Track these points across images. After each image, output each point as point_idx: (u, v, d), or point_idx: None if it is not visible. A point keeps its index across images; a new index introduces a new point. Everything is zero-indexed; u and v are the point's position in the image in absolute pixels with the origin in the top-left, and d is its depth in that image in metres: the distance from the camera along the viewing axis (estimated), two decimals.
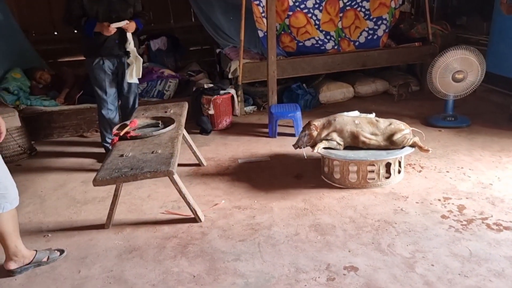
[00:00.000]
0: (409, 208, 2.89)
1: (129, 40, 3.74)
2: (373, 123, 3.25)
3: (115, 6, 3.66)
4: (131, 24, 3.69)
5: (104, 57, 3.77)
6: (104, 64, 3.79)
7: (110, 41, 3.70)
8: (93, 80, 3.88)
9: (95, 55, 3.77)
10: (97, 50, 3.74)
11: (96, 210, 3.14)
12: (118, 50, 3.77)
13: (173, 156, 2.68)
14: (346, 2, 5.11)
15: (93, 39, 3.68)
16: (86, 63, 3.85)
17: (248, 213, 2.96)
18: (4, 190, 2.29)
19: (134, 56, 3.79)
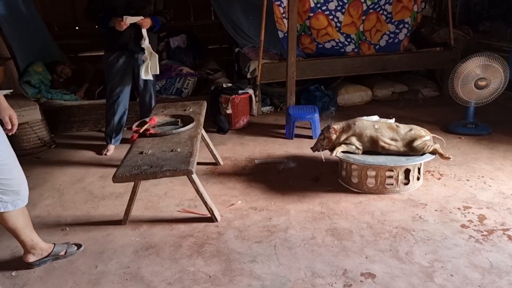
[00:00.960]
0: (427, 216, 2.86)
1: (144, 37, 3.76)
2: (393, 128, 3.22)
3: (134, 2, 3.70)
4: (146, 20, 3.71)
5: (120, 53, 3.81)
6: (119, 61, 3.83)
7: (125, 36, 3.74)
8: (106, 74, 3.96)
9: (112, 50, 3.82)
10: (114, 45, 3.80)
11: (113, 206, 3.16)
12: (133, 46, 3.80)
13: (193, 155, 2.69)
14: (369, 5, 5.05)
15: (109, 34, 3.72)
16: (103, 57, 3.92)
17: (265, 214, 2.95)
18: (17, 187, 2.30)
19: (149, 52, 3.81)
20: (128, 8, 3.67)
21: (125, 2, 3.67)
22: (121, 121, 4.06)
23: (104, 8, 3.67)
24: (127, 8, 3.67)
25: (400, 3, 5.10)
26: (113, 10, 3.66)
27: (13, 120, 2.26)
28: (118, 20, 3.60)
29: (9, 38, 4.78)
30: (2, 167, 2.19)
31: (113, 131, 4.07)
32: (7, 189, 2.24)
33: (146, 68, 3.83)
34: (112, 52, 3.83)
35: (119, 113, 4.02)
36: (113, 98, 3.95)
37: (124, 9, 3.66)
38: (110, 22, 3.64)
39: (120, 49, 3.81)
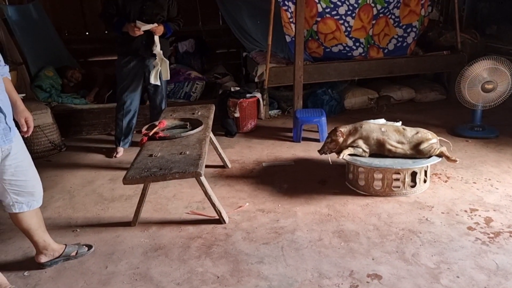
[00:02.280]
0: (434, 218, 2.87)
1: (155, 43, 3.81)
2: (400, 131, 3.24)
3: (147, 8, 3.76)
4: (158, 27, 3.77)
5: (132, 57, 3.87)
6: (131, 65, 3.90)
7: (137, 41, 3.80)
8: (117, 77, 4.03)
9: (124, 54, 3.89)
10: (125, 49, 3.87)
11: (122, 208, 3.21)
12: (144, 51, 3.86)
13: (201, 157, 2.73)
14: (379, 9, 5.06)
15: (122, 38, 3.79)
16: (116, 61, 3.98)
17: (272, 216, 2.99)
18: (32, 189, 2.36)
19: (160, 58, 3.87)
20: (142, 14, 3.74)
21: (139, 9, 3.74)
22: (130, 124, 4.12)
23: (118, 13, 3.74)
24: (141, 14, 3.73)
25: (408, 7, 5.12)
26: (127, 16, 3.73)
27: (29, 122, 2.32)
28: (132, 26, 3.66)
29: (21, 44, 4.87)
30: (17, 168, 2.25)
31: (122, 134, 4.13)
32: (22, 190, 2.30)
33: (156, 73, 3.89)
34: (124, 56, 3.91)
35: (128, 116, 4.08)
36: (123, 101, 4.01)
37: (138, 15, 3.73)
38: (124, 28, 3.71)
39: (132, 54, 3.88)
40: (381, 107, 5.14)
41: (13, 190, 2.28)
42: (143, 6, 3.75)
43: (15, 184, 2.27)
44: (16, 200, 2.30)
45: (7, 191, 2.27)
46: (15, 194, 2.29)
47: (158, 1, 3.82)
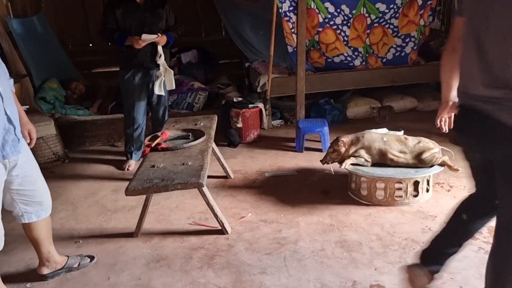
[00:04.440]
0: (437, 227, 2.84)
1: (159, 53, 3.85)
2: (402, 140, 3.24)
3: (147, 20, 3.79)
4: (162, 37, 3.79)
5: (136, 71, 3.90)
6: (135, 79, 3.91)
7: (142, 54, 3.82)
8: (123, 92, 4.04)
9: (128, 68, 3.90)
10: (130, 62, 3.87)
11: (125, 219, 3.22)
12: (149, 62, 3.89)
13: (203, 168, 2.74)
14: (374, 19, 5.14)
15: (126, 52, 3.81)
16: (119, 75, 3.99)
17: (275, 227, 2.98)
18: (40, 198, 2.38)
19: (164, 68, 3.90)
20: (142, 26, 3.77)
21: (139, 21, 3.77)
22: (140, 136, 4.12)
23: (119, 27, 3.78)
24: (141, 26, 3.76)
25: (407, 18, 5.17)
26: (127, 29, 3.76)
27: (32, 134, 2.36)
28: (136, 39, 3.69)
29: (25, 56, 4.93)
30: (25, 178, 2.27)
31: (133, 147, 4.15)
32: (30, 200, 2.33)
33: (160, 83, 3.92)
34: (129, 70, 3.91)
35: (138, 129, 4.10)
36: (132, 115, 4.02)
37: (138, 27, 3.75)
38: (127, 41, 3.74)
39: (137, 67, 3.89)
40: (383, 117, 5.14)
41: (21, 200, 2.30)
42: (142, 18, 3.77)
43: (23, 194, 2.29)
44: (25, 210, 2.33)
45: (15, 201, 2.29)
46: (24, 204, 2.31)
47: (156, 12, 3.85)
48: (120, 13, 3.74)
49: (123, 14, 3.75)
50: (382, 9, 5.10)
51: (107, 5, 3.81)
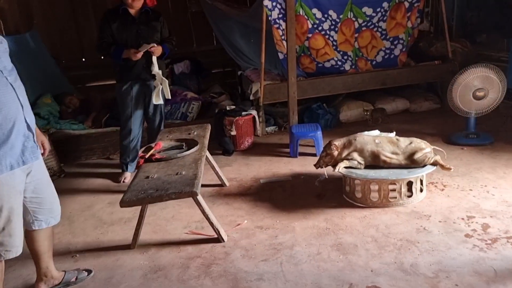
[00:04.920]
0: (432, 227, 2.88)
1: (154, 63, 3.88)
2: (394, 142, 3.27)
3: (142, 32, 3.84)
4: (157, 48, 3.83)
5: (133, 82, 3.94)
6: (132, 90, 3.95)
7: (138, 66, 3.87)
8: (119, 104, 4.06)
9: (125, 80, 3.94)
10: (127, 75, 3.92)
11: (122, 231, 3.23)
12: (145, 74, 3.93)
13: (197, 177, 2.76)
14: (361, 23, 5.20)
15: (123, 65, 3.86)
16: (116, 88, 4.02)
17: (271, 232, 3.00)
18: (50, 205, 2.44)
19: (159, 78, 3.93)
20: (138, 39, 3.81)
21: (134, 34, 3.82)
22: (136, 147, 4.14)
23: (115, 41, 3.82)
24: (137, 39, 3.81)
25: (394, 20, 5.24)
26: (123, 42, 3.80)
27: (45, 145, 2.45)
28: (132, 52, 3.73)
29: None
30: (37, 186, 2.33)
31: (129, 158, 4.16)
32: (41, 208, 2.37)
33: (157, 93, 3.96)
34: (125, 82, 3.95)
35: (134, 140, 4.12)
36: (129, 127, 4.04)
37: (134, 40, 3.80)
38: (124, 54, 3.77)
39: (134, 79, 3.93)
40: (376, 119, 5.18)
41: (33, 208, 2.34)
42: (137, 31, 3.83)
43: (35, 201, 2.35)
44: (35, 218, 2.36)
45: (27, 209, 2.33)
46: (35, 212, 2.35)
47: (151, 24, 3.91)
48: (116, 27, 3.79)
49: (119, 28, 3.80)
50: (368, 13, 5.16)
51: (103, 20, 3.86)
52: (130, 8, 3.82)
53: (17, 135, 2.18)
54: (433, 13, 6.29)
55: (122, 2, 3.81)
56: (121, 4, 3.83)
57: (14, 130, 2.16)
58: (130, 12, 3.83)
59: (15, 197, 2.21)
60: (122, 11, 3.82)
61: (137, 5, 3.81)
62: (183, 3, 6.74)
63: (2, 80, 2.14)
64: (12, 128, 2.15)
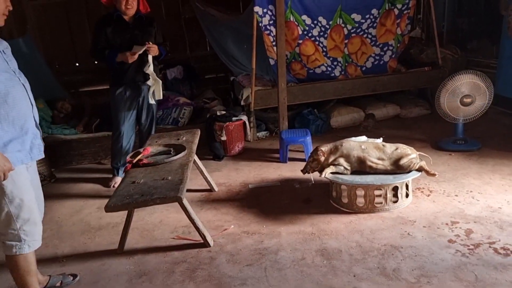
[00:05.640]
0: (416, 232, 2.90)
1: (149, 63, 3.92)
2: (380, 148, 3.30)
3: (137, 37, 3.88)
4: (154, 46, 3.86)
5: (126, 86, 3.97)
6: (126, 94, 3.99)
7: (132, 70, 3.91)
8: (112, 108, 4.08)
9: (119, 84, 3.97)
10: (121, 79, 3.95)
11: (109, 236, 3.24)
12: (139, 77, 3.98)
13: (183, 182, 2.77)
14: (350, 29, 5.25)
15: (117, 69, 3.89)
16: (110, 92, 4.05)
17: (256, 238, 3.01)
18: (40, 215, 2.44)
19: (153, 78, 3.97)
20: (132, 43, 3.85)
21: (128, 38, 3.86)
22: (128, 151, 4.16)
23: (109, 46, 3.85)
24: (131, 43, 3.84)
25: (384, 27, 5.29)
26: (118, 47, 3.84)
27: None
28: (127, 54, 3.76)
29: None
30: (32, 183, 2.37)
31: (120, 162, 4.18)
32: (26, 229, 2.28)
33: (151, 93, 4.01)
34: (119, 87, 3.98)
35: (126, 145, 4.14)
36: (121, 131, 4.07)
37: (128, 45, 3.83)
38: (117, 58, 3.81)
39: (128, 83, 3.97)
40: (365, 126, 5.21)
41: None
42: (132, 36, 3.87)
43: None
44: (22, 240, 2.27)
45: None
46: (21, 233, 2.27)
47: (145, 30, 3.95)
48: (110, 32, 3.84)
49: (113, 33, 3.84)
50: (357, 19, 5.22)
51: (97, 25, 3.91)
52: (124, 15, 3.86)
53: (27, 131, 2.28)
54: (424, 20, 6.35)
55: (116, 9, 3.85)
56: (115, 10, 3.87)
57: (25, 127, 2.27)
58: (124, 18, 3.87)
59: (31, 188, 2.31)
60: (116, 17, 3.86)
61: (130, 12, 3.85)
62: (176, 9, 6.79)
63: (15, 79, 2.24)
64: (23, 125, 2.26)
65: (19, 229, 2.26)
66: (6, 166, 2.10)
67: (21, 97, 2.26)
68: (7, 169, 2.10)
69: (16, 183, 2.21)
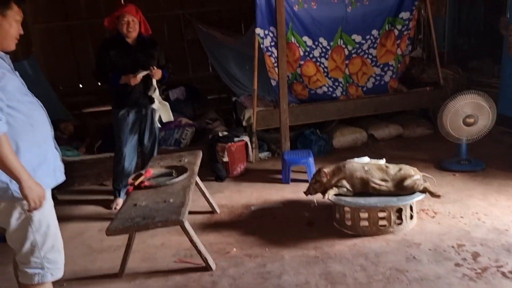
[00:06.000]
0: (421, 255, 2.85)
1: (154, 87, 3.96)
2: (383, 169, 3.28)
3: (140, 59, 3.91)
4: (157, 70, 3.91)
5: (130, 108, 3.99)
6: (129, 116, 4.00)
7: (135, 91, 3.93)
8: (115, 130, 4.09)
9: (122, 106, 3.99)
10: (124, 101, 3.97)
11: (110, 259, 3.20)
12: (143, 99, 4.00)
13: (184, 205, 2.75)
14: (351, 50, 5.30)
15: (120, 91, 3.91)
16: (112, 114, 4.06)
17: (259, 261, 2.97)
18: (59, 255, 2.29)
19: (159, 101, 4.00)
20: (136, 66, 3.88)
21: (132, 61, 3.89)
22: (130, 173, 4.15)
23: (113, 68, 3.88)
24: (134, 66, 3.87)
25: (384, 47, 5.34)
26: (121, 69, 3.87)
27: None
28: (130, 76, 3.79)
29: None
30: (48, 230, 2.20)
31: (121, 184, 4.16)
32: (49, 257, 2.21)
33: (158, 117, 4.06)
34: (123, 108, 3.99)
35: (128, 166, 4.13)
36: (123, 153, 4.06)
37: (132, 67, 3.86)
38: (121, 80, 3.83)
39: (131, 105, 3.98)
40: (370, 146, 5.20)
41: None
42: (135, 58, 3.90)
43: None
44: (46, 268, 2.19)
45: None
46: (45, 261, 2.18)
47: (148, 52, 3.98)
48: (114, 55, 3.87)
49: (117, 55, 3.87)
50: (358, 40, 5.27)
51: (101, 47, 3.95)
52: (127, 38, 3.90)
53: (51, 154, 2.22)
54: (425, 40, 6.40)
55: (119, 32, 3.90)
56: (118, 34, 3.92)
57: (49, 149, 2.21)
58: (127, 41, 3.91)
59: (55, 213, 2.24)
60: (119, 40, 3.91)
61: (132, 35, 3.90)
62: (179, 31, 6.87)
63: (34, 101, 2.19)
64: (47, 147, 2.20)
65: (43, 257, 2.16)
66: (41, 192, 2.01)
67: (42, 119, 2.20)
68: (42, 195, 2.01)
69: (44, 210, 2.10)
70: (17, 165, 1.94)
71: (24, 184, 1.95)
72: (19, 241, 2.13)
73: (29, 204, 1.99)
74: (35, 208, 2.02)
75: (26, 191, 1.96)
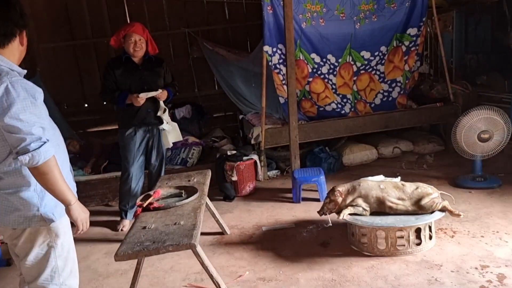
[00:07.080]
0: (444, 277, 2.73)
1: (162, 108, 3.92)
2: (399, 187, 3.18)
3: (146, 78, 3.87)
4: (163, 92, 3.87)
5: (137, 127, 3.92)
6: (136, 135, 3.93)
7: (142, 111, 3.87)
8: (122, 149, 4.02)
9: (129, 125, 3.92)
10: (131, 120, 3.90)
11: (118, 284, 3.08)
12: (150, 118, 3.93)
13: (196, 227, 2.64)
14: (359, 66, 5.26)
15: (127, 110, 3.86)
16: (119, 133, 4.00)
17: (273, 285, 2.85)
18: None
19: (169, 122, 3.94)
20: (142, 85, 3.84)
21: (138, 80, 3.85)
22: (137, 194, 4.06)
23: (118, 87, 3.83)
24: (140, 85, 3.83)
25: (392, 63, 5.30)
26: (127, 88, 3.82)
27: None
28: (134, 96, 3.73)
29: None
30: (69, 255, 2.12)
31: (128, 205, 4.07)
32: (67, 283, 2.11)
33: (165, 136, 4.01)
34: (129, 127, 3.93)
35: (135, 187, 4.05)
36: (130, 173, 3.98)
37: (138, 86, 3.81)
38: (127, 100, 3.78)
39: (138, 124, 3.92)
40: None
41: None
42: (141, 77, 3.86)
43: None
44: None
45: None
46: None
47: (154, 70, 3.94)
48: (119, 74, 3.82)
49: (123, 74, 3.83)
50: (367, 57, 5.23)
51: (106, 68, 3.90)
52: (133, 57, 3.86)
53: (68, 174, 2.14)
54: (431, 56, 6.36)
55: (125, 51, 3.86)
56: (124, 53, 3.88)
57: (66, 170, 2.13)
58: (133, 60, 3.86)
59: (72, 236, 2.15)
60: (125, 59, 3.86)
61: (139, 54, 3.86)
62: (184, 49, 6.84)
63: (52, 123, 2.10)
64: (67, 166, 2.13)
65: (62, 283, 2.04)
66: (87, 215, 1.95)
67: (61, 138, 2.16)
68: (87, 218, 1.95)
69: (66, 233, 2.04)
70: (66, 188, 1.88)
71: (73, 206, 1.90)
72: (38, 268, 2.01)
73: (77, 227, 1.94)
74: (82, 231, 1.97)
75: (76, 214, 1.92)
